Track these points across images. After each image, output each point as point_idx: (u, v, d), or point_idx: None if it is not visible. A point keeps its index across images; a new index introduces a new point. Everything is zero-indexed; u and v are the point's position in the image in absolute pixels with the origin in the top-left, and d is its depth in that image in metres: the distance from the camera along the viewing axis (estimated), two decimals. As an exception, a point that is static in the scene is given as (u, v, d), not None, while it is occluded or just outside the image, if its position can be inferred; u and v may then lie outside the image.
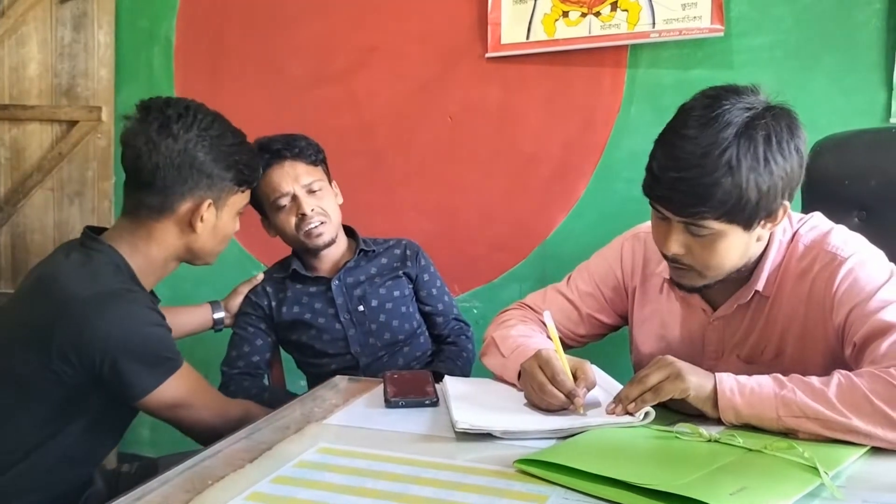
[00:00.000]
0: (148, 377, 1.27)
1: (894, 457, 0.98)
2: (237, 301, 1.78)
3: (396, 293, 1.78)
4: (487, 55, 2.19)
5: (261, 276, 1.79)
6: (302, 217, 1.67)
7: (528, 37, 2.13)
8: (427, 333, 1.85)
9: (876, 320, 1.07)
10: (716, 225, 1.08)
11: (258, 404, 1.49)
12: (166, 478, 0.98)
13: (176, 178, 1.30)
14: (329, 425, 1.16)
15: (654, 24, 2.00)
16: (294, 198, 1.68)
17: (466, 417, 1.10)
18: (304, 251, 1.75)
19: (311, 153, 1.73)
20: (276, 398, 1.57)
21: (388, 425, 1.15)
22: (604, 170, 2.14)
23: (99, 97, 2.59)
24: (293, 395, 1.69)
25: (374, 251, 1.81)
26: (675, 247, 1.12)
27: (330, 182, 1.77)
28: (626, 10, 2.03)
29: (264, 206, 1.73)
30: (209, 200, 1.34)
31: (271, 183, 1.69)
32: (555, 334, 1.19)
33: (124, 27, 2.62)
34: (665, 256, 1.17)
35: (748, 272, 1.20)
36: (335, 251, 1.77)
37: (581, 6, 2.07)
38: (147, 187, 1.31)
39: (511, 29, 2.15)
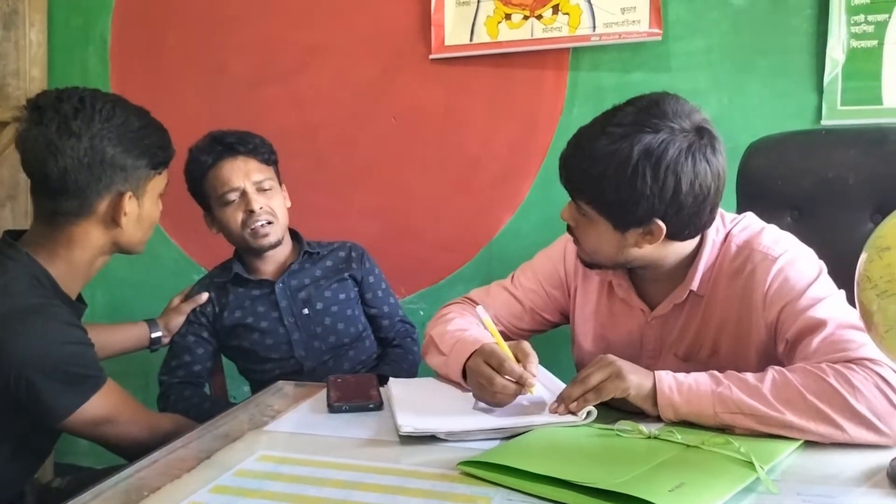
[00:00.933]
0: (69, 397, 1.20)
1: (826, 450, 1.01)
2: (178, 320, 1.72)
3: (342, 296, 1.77)
4: (431, 56, 2.19)
5: (205, 297, 1.74)
6: (249, 214, 1.65)
7: (471, 39, 2.14)
8: (373, 336, 1.83)
9: (806, 318, 1.10)
10: (589, 210, 1.16)
11: (195, 415, 1.45)
12: (99, 490, 0.95)
13: (88, 179, 1.22)
14: (270, 432, 1.14)
15: (594, 27, 2.03)
16: (243, 194, 1.66)
17: (410, 421, 1.09)
18: (248, 251, 1.72)
19: (266, 152, 1.71)
20: (218, 408, 1.54)
21: (331, 431, 1.14)
22: (548, 171, 2.16)
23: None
24: (235, 403, 1.66)
25: (318, 253, 1.79)
26: (566, 214, 1.22)
27: (280, 184, 1.75)
28: (567, 14, 2.05)
29: (210, 199, 1.69)
30: (129, 193, 1.26)
31: (221, 176, 1.66)
32: (490, 325, 1.19)
33: (57, 25, 2.54)
34: None
35: (683, 272, 1.22)
36: (279, 253, 1.75)
37: (523, 9, 2.09)
38: (59, 193, 1.22)
39: (454, 31, 2.15)
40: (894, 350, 0.89)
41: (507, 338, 1.37)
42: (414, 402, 1.19)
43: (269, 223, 1.67)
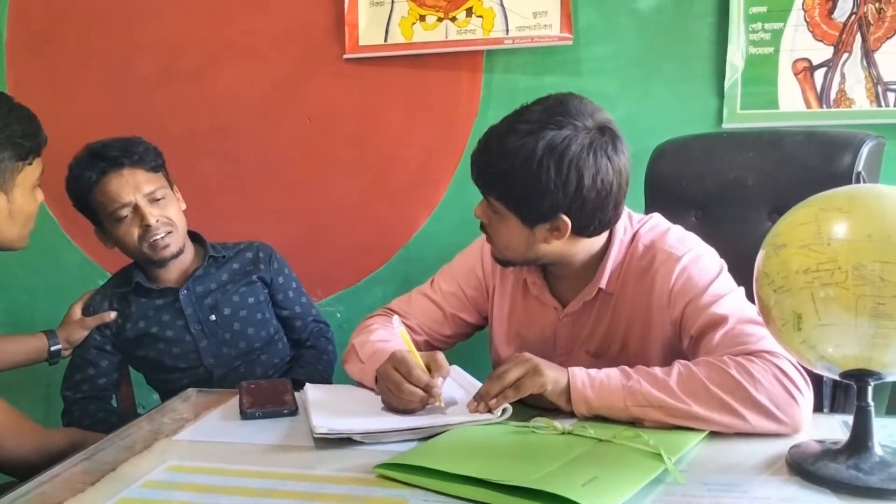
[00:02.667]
0: None
1: (730, 440, 1.04)
2: (81, 334, 1.64)
3: (251, 300, 1.72)
4: (345, 56, 2.17)
5: (113, 315, 1.66)
6: (146, 228, 1.57)
7: (385, 39, 2.13)
8: (285, 339, 1.79)
9: (709, 314, 1.14)
10: (499, 206, 1.19)
11: (101, 430, 1.39)
12: (-5, 508, 0.90)
13: None
14: (179, 441, 1.11)
15: (507, 30, 2.06)
16: (136, 208, 1.57)
17: (325, 422, 1.08)
18: (149, 263, 1.65)
19: (151, 159, 1.61)
20: (125, 420, 1.49)
21: (244, 438, 1.11)
22: (464, 172, 2.15)
23: (-84, 94, 2.35)
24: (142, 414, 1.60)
25: (223, 256, 1.73)
26: (478, 211, 1.24)
27: (172, 188, 1.67)
28: (480, 17, 2.07)
29: (100, 216, 1.60)
30: None
31: (109, 193, 1.56)
32: (405, 335, 1.20)
33: (-54, 20, 2.40)
34: None
35: (593, 270, 1.25)
36: (182, 260, 1.68)
37: (437, 11, 2.10)
38: None
39: (369, 31, 2.14)
40: (791, 342, 0.93)
41: (431, 347, 1.38)
42: (330, 404, 1.18)
43: (169, 233, 1.60)
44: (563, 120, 1.12)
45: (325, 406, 1.17)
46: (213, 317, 1.67)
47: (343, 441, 1.06)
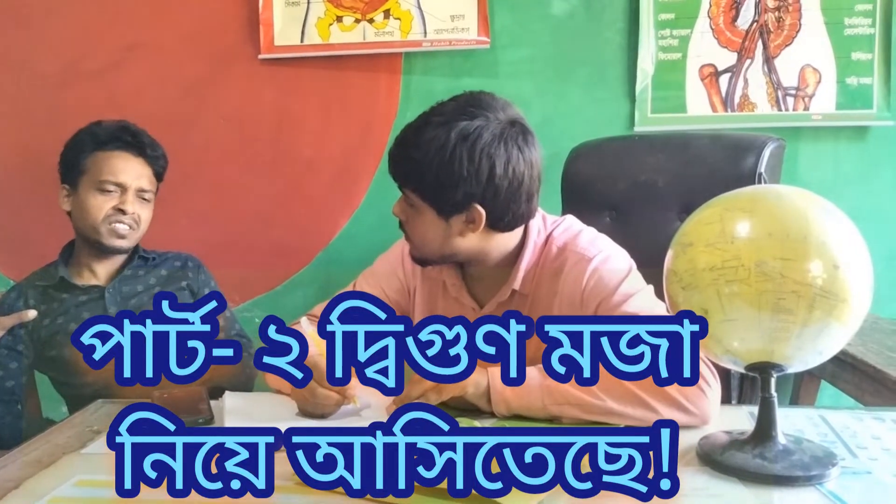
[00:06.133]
0: None
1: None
2: None
3: (177, 307, 1.69)
4: (261, 56, 2.14)
5: (33, 314, 1.58)
6: (118, 212, 1.58)
7: (302, 40, 2.11)
8: (209, 350, 1.76)
9: (620, 312, 1.17)
10: (415, 198, 1.20)
11: (9, 436, 1.33)
12: None
13: None
14: (88, 455, 1.06)
15: (425, 33, 2.07)
16: (123, 191, 1.59)
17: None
18: (91, 246, 1.62)
19: (162, 166, 1.67)
20: (35, 427, 1.42)
21: (157, 449, 1.07)
22: (384, 174, 2.13)
23: None
24: (52, 423, 1.53)
25: (153, 259, 1.72)
26: (396, 208, 1.25)
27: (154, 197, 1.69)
28: (398, 19, 2.08)
29: (83, 176, 1.59)
30: None
31: (111, 164, 1.58)
32: (315, 336, 1.18)
33: None
34: None
35: (507, 272, 1.27)
36: (116, 258, 1.67)
37: (355, 12, 2.09)
38: None
39: (284, 31, 2.11)
40: (698, 338, 0.96)
41: None
42: (246, 411, 1.16)
43: (132, 230, 1.62)
44: (476, 111, 1.15)
45: (242, 413, 1.15)
46: None
47: (261, 448, 1.03)
